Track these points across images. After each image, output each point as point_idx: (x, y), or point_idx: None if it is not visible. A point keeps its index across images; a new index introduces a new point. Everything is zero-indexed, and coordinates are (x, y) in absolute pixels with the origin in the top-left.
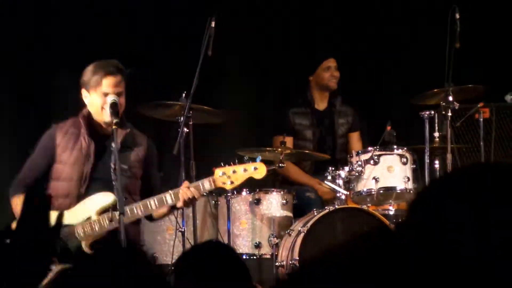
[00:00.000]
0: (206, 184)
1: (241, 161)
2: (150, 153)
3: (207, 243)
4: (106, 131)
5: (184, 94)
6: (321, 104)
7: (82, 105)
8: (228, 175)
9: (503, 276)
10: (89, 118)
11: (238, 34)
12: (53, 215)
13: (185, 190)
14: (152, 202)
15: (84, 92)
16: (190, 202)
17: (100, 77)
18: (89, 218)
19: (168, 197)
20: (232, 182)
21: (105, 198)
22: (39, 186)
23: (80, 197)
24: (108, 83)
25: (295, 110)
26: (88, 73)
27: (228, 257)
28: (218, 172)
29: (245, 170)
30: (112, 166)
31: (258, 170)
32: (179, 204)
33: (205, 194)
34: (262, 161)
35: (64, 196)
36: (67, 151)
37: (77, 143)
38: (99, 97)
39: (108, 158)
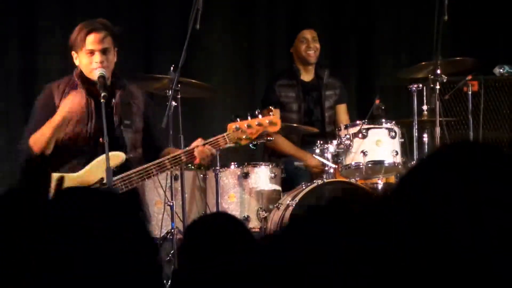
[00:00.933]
0: (221, 141)
1: (254, 115)
2: (148, 105)
3: (216, 214)
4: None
5: (172, 68)
6: (306, 76)
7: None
8: (243, 130)
9: (492, 252)
10: (82, 76)
11: (227, 7)
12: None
13: (201, 149)
14: (167, 161)
15: (73, 54)
16: (208, 159)
17: (83, 36)
18: (101, 179)
19: (183, 156)
20: (247, 138)
21: (114, 159)
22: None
23: (87, 158)
24: (91, 40)
25: (281, 82)
26: (74, 34)
27: (238, 230)
28: (232, 127)
29: (259, 124)
30: (101, 140)
31: (273, 122)
32: (196, 161)
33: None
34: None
35: (69, 156)
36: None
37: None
38: (86, 55)
39: (110, 115)
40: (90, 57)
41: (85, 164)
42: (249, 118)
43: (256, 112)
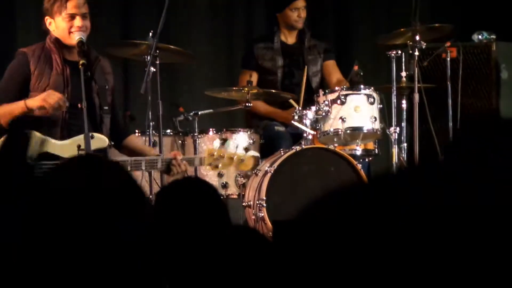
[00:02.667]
0: (196, 161)
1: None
2: (115, 79)
3: (187, 178)
4: (76, 57)
5: (151, 33)
6: (289, 38)
7: (45, 34)
8: (219, 159)
9: None
10: (58, 43)
11: None
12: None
13: (178, 163)
14: (143, 163)
15: (48, 19)
16: (181, 174)
17: (64, 0)
18: (79, 146)
19: (159, 163)
20: (219, 167)
21: (98, 142)
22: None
23: (65, 124)
24: (73, 4)
25: (261, 45)
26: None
27: (208, 194)
28: (210, 152)
29: (233, 159)
30: (79, 105)
31: (244, 162)
32: (171, 173)
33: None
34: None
35: (47, 124)
36: (45, 77)
37: (53, 68)
38: (65, 20)
39: (88, 82)
40: (70, 21)
41: (62, 132)
42: (230, 146)
43: (238, 144)
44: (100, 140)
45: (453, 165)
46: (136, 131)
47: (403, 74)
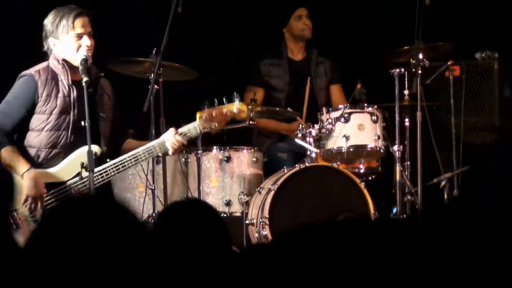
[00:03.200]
0: (192, 131)
1: (222, 102)
2: (115, 96)
3: (188, 200)
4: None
5: (154, 51)
6: (296, 54)
7: (46, 56)
8: (212, 118)
9: None
10: (66, 64)
11: None
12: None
13: (174, 141)
14: (142, 152)
15: (51, 41)
16: (180, 149)
17: (71, 20)
18: (78, 174)
19: (157, 148)
20: (217, 125)
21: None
22: None
23: (69, 147)
24: (80, 24)
25: (268, 61)
26: (54, 20)
27: (209, 217)
28: (200, 115)
29: (227, 111)
30: (83, 123)
31: (239, 109)
32: (171, 153)
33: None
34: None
35: (52, 146)
36: (52, 100)
37: (59, 91)
38: (73, 40)
39: (91, 105)
40: (78, 41)
41: (66, 153)
42: (216, 104)
43: (224, 99)
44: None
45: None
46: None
47: (406, 92)
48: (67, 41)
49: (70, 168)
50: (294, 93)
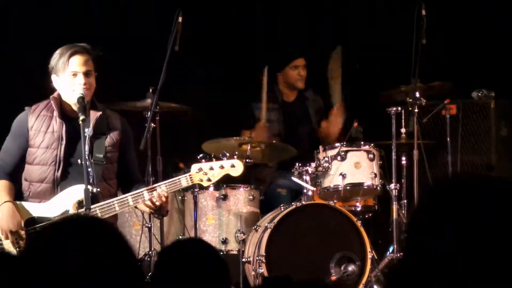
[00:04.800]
0: (183, 181)
1: (219, 157)
2: (126, 135)
3: (190, 240)
4: (77, 114)
5: (151, 90)
6: (290, 96)
7: (52, 91)
8: (205, 171)
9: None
10: (60, 100)
11: (204, 30)
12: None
13: (155, 199)
14: (130, 198)
15: (53, 77)
16: (165, 206)
17: (67, 58)
18: (66, 211)
19: (146, 194)
20: (209, 179)
21: (81, 191)
22: None
23: (57, 182)
24: (75, 62)
25: (261, 104)
26: (55, 57)
27: (210, 257)
28: (194, 168)
29: (221, 166)
30: (79, 161)
31: (235, 167)
32: (156, 201)
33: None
34: (231, 156)
35: (40, 180)
36: (40, 134)
37: (50, 126)
38: (68, 78)
39: (85, 144)
40: (73, 79)
41: (56, 188)
42: (213, 160)
43: (221, 155)
44: (82, 189)
45: None
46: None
47: (403, 130)
48: (64, 79)
49: (58, 204)
50: (288, 136)
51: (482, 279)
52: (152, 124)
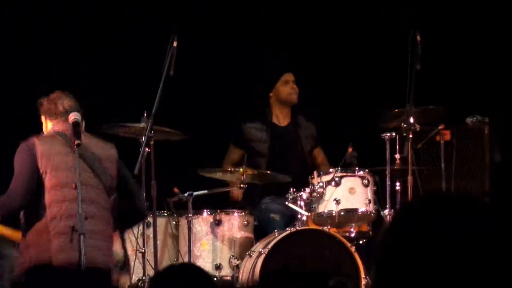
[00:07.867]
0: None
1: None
2: (120, 164)
3: (182, 265)
4: None
5: (145, 114)
6: (283, 120)
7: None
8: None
9: None
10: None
11: (197, 53)
12: None
13: None
14: None
15: (43, 119)
16: None
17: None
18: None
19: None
20: None
21: None
22: None
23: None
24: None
25: (252, 125)
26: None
27: (203, 282)
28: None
29: None
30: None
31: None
32: None
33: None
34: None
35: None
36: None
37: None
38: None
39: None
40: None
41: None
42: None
43: None
44: None
45: None
46: None
47: (397, 156)
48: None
49: None
50: (275, 159)
51: None
52: (147, 149)
